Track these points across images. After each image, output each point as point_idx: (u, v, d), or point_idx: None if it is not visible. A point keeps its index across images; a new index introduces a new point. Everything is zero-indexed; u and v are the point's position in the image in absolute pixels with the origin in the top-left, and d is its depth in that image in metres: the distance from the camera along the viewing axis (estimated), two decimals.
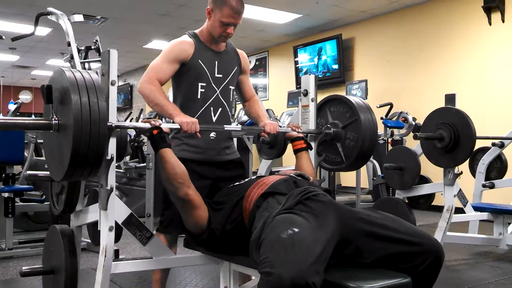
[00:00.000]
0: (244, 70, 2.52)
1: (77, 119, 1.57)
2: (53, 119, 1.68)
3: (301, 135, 2.36)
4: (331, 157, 2.51)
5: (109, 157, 1.84)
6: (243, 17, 2.37)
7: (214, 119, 2.35)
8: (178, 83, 2.36)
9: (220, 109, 2.37)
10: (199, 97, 2.32)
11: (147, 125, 1.96)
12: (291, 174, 2.01)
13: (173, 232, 2.34)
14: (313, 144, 2.49)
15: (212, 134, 2.35)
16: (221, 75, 2.37)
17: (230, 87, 2.42)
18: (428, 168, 3.89)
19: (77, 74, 1.67)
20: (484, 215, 3.78)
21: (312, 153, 2.46)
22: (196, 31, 2.40)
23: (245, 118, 6.21)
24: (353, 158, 2.38)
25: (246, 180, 2.08)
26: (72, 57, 3.69)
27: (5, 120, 1.74)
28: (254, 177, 2.10)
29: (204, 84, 2.32)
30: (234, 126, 2.46)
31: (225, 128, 2.27)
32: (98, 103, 1.64)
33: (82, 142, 1.58)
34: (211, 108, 2.34)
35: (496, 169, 4.53)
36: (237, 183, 2.09)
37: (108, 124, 1.79)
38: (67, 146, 1.59)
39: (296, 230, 1.51)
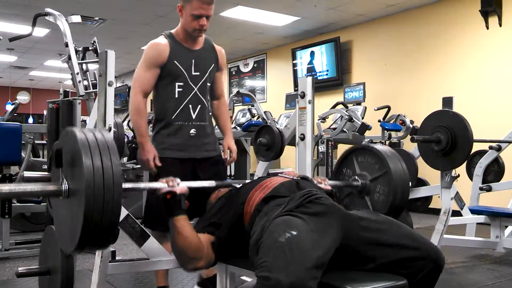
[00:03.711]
0: (221, 67, 2.58)
1: (90, 185, 1.44)
2: (62, 184, 1.55)
3: (329, 188, 2.16)
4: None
5: None
6: (241, 19, 2.41)
7: (193, 116, 2.42)
8: (156, 85, 2.42)
9: (199, 106, 2.44)
10: (176, 96, 2.39)
11: (164, 185, 1.80)
12: (295, 177, 1.98)
13: (158, 229, 2.39)
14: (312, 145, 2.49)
15: (192, 131, 2.42)
16: (198, 73, 2.43)
17: (208, 84, 2.49)
18: (425, 170, 3.90)
19: (89, 135, 1.53)
20: (481, 218, 3.79)
21: (309, 155, 2.46)
22: (172, 31, 2.45)
23: (243, 120, 6.21)
24: (384, 214, 2.10)
25: (248, 182, 2.04)
26: (69, 58, 3.70)
27: (10, 189, 1.58)
28: (257, 178, 2.08)
29: (182, 84, 2.40)
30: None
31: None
32: (112, 167, 1.49)
33: (95, 209, 1.44)
34: (190, 106, 2.42)
35: (493, 172, 4.54)
36: (240, 185, 2.06)
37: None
38: (79, 213, 1.47)
39: (294, 233, 1.50)
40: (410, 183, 2.21)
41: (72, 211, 1.53)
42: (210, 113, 2.55)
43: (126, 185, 1.73)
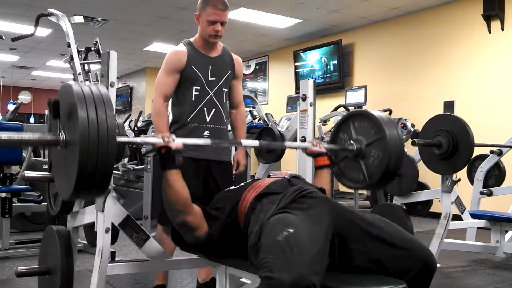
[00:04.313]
0: (237, 75, 2.68)
1: (84, 136, 1.48)
2: (60, 134, 1.60)
3: (324, 150, 2.23)
4: (353, 175, 2.30)
5: None
6: (244, 21, 2.47)
7: (208, 119, 2.52)
8: (177, 90, 2.55)
9: (213, 109, 2.53)
10: (193, 99, 2.50)
11: (159, 140, 1.83)
12: (286, 176, 2.03)
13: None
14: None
15: (206, 133, 2.51)
16: (214, 78, 2.54)
17: (224, 89, 2.59)
18: (426, 174, 3.90)
19: (85, 88, 1.57)
20: (482, 223, 3.79)
21: (310, 157, 2.46)
22: (191, 39, 2.59)
23: None
24: (378, 178, 2.16)
25: (241, 184, 2.08)
26: (72, 58, 3.70)
27: (9, 137, 1.61)
28: (250, 180, 2.10)
29: (198, 87, 2.50)
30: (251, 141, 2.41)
31: (243, 144, 2.30)
32: (107, 120, 1.53)
33: (89, 161, 1.49)
34: (205, 109, 2.51)
35: (494, 177, 4.54)
36: (233, 187, 2.09)
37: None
38: (74, 163, 1.52)
39: (291, 230, 1.51)
40: (405, 149, 2.20)
41: (68, 161, 1.59)
42: (226, 119, 2.62)
43: (121, 139, 1.77)
